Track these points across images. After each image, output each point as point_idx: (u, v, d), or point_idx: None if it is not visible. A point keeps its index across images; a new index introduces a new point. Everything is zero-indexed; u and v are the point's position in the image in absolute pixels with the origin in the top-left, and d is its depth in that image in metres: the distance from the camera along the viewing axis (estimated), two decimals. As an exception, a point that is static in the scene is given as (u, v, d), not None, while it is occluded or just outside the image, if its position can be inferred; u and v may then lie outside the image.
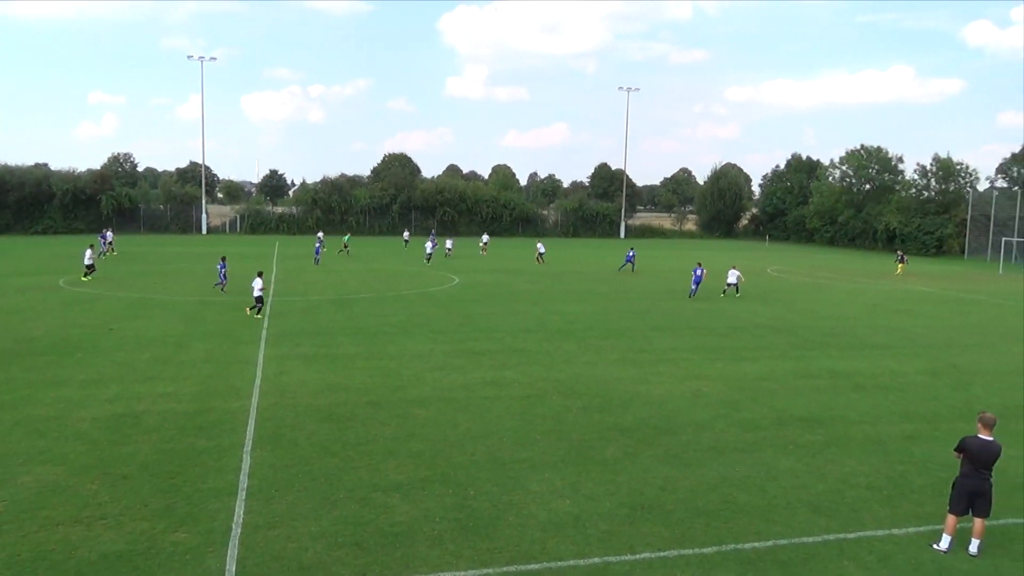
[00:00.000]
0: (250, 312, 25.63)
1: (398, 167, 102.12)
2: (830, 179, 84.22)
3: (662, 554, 9.10)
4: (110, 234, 51.57)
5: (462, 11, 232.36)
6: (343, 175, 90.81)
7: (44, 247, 55.57)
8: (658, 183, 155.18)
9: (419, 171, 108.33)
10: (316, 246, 47.40)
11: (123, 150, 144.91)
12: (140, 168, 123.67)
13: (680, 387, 17.18)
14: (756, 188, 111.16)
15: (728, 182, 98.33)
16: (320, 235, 57.35)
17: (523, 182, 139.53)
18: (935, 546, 9.44)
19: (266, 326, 23.68)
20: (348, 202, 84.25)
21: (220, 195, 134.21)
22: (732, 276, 34.64)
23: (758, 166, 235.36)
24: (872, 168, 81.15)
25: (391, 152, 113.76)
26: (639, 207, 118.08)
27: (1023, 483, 11.67)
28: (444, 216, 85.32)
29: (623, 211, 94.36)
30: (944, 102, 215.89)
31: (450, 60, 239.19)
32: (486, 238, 61.65)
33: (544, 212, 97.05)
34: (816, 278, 44.05)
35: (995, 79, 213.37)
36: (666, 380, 17.83)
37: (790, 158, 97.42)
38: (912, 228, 72.36)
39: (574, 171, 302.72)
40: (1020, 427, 14.52)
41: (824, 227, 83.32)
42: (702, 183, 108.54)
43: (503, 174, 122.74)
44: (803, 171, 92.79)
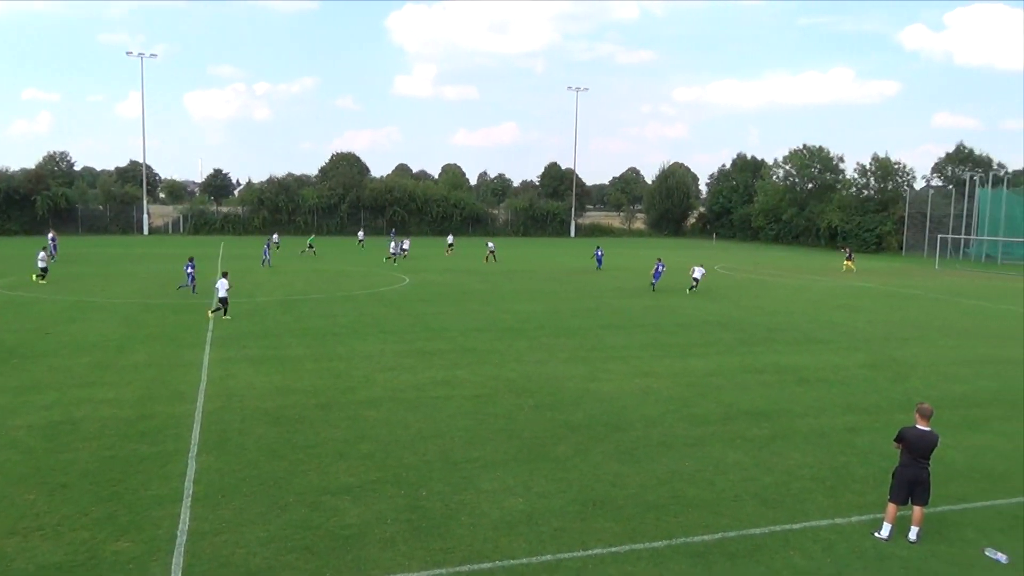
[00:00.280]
0: (212, 314, 24.96)
1: (346, 166, 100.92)
2: (774, 178, 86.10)
3: (613, 549, 9.19)
4: (51, 235, 50.02)
5: (410, 10, 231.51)
6: (290, 174, 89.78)
7: (-25, 249, 53.45)
8: (607, 182, 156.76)
9: (368, 170, 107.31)
10: (265, 247, 46.56)
11: (59, 149, 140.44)
12: (77, 167, 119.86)
13: (630, 384, 17.37)
14: (703, 187, 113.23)
15: (676, 181, 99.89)
16: (275, 237, 56.29)
17: (473, 181, 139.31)
18: (876, 534, 9.72)
19: (211, 328, 23.19)
20: (296, 202, 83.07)
21: (162, 195, 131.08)
22: (697, 272, 36.22)
23: (705, 165, 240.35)
24: (814, 167, 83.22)
25: (339, 151, 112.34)
26: (589, 206, 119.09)
27: (960, 471, 12.11)
28: (394, 216, 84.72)
29: (573, 210, 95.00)
30: (882, 103, 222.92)
31: (398, 59, 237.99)
32: (451, 239, 61.09)
33: (494, 211, 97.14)
34: (761, 275, 44.98)
35: (930, 81, 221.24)
36: (616, 377, 18.00)
37: (736, 158, 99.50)
38: (853, 226, 74.43)
39: (524, 170, 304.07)
40: (956, 417, 15.05)
41: (769, 225, 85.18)
42: (650, 182, 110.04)
43: (453, 173, 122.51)
44: (748, 170, 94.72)
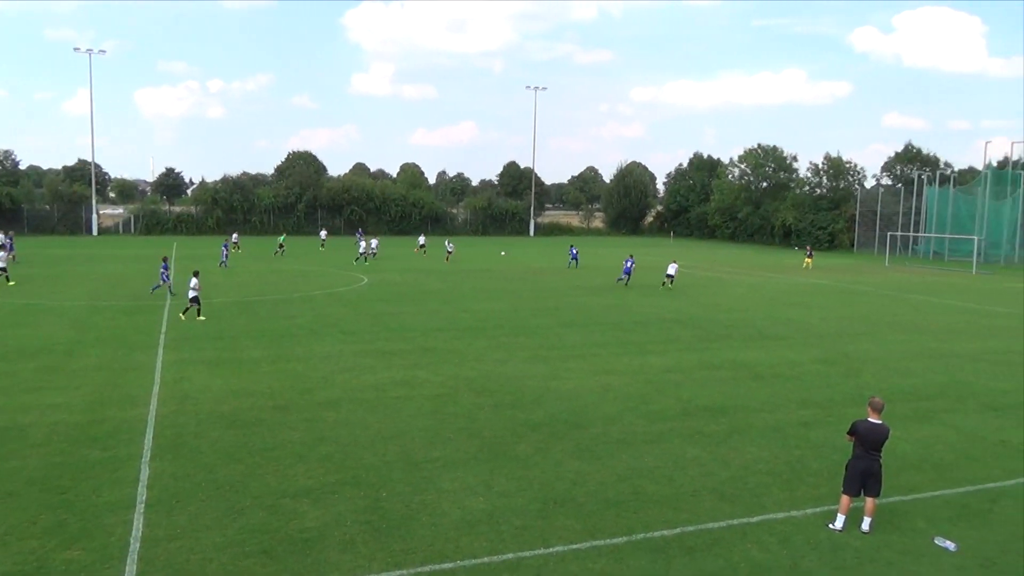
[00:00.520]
0: (184, 316, 24.60)
1: (303, 165, 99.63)
2: (730, 177, 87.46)
3: (574, 546, 9.24)
4: (10, 234, 48.56)
5: (367, 8, 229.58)
6: (245, 173, 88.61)
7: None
8: (566, 181, 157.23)
9: (325, 169, 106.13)
10: (223, 248, 45.77)
11: (3, 147, 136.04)
12: (22, 166, 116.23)
13: (590, 382, 17.48)
14: (660, 186, 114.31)
15: (634, 180, 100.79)
16: (234, 236, 55.26)
17: (432, 180, 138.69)
18: (831, 526, 9.93)
19: (164, 331, 22.74)
20: (251, 201, 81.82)
21: (112, 194, 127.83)
22: (672, 268, 37.45)
23: (662, 164, 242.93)
24: (769, 167, 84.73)
25: (295, 150, 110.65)
26: (548, 205, 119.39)
27: (910, 462, 12.43)
28: (352, 215, 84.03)
29: (532, 209, 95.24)
30: (834, 104, 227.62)
31: (355, 57, 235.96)
32: (423, 239, 59.88)
33: (453, 210, 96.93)
34: (718, 273, 45.60)
35: (880, 82, 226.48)
36: (576, 375, 18.10)
37: (692, 157, 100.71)
38: (806, 223, 75.96)
39: (483, 169, 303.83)
40: (906, 410, 15.44)
41: (725, 223, 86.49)
42: (608, 181, 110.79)
43: (411, 172, 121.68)
44: (704, 169, 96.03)
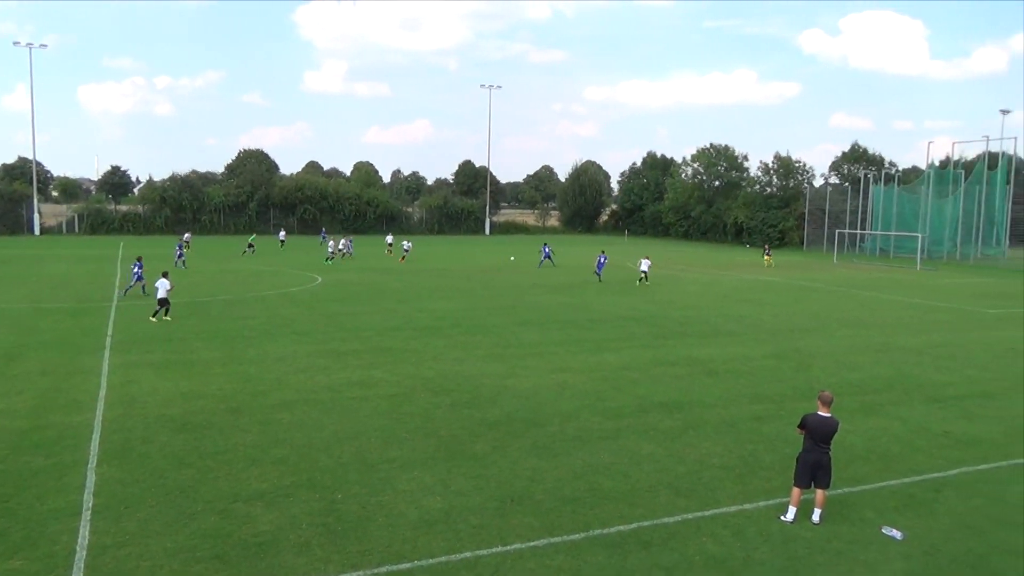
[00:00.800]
0: (156, 318, 24.21)
1: (254, 163, 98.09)
2: (683, 176, 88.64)
3: (532, 544, 9.26)
4: None
5: (318, 5, 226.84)
6: (194, 172, 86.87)
7: None
8: (521, 180, 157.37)
9: (277, 168, 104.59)
10: (178, 248, 44.80)
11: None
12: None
13: (546, 380, 17.54)
14: (615, 185, 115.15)
15: (588, 179, 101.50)
16: (186, 236, 54.06)
17: (386, 179, 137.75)
18: (782, 518, 10.13)
19: (110, 333, 22.17)
20: (201, 200, 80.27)
21: (55, 193, 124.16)
22: (644, 264, 38.95)
23: (616, 163, 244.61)
24: (721, 166, 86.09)
25: (246, 148, 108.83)
26: (503, 204, 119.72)
27: (858, 454, 12.75)
28: (305, 214, 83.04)
29: (488, 208, 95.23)
30: (783, 104, 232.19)
31: (307, 54, 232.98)
32: (391, 239, 58.89)
33: (408, 209, 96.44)
34: (673, 270, 46.14)
35: (827, 83, 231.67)
36: (533, 373, 18.15)
37: (646, 156, 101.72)
38: (757, 221, 77.40)
39: (438, 168, 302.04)
40: (854, 403, 15.83)
41: (679, 222, 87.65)
42: (564, 180, 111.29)
43: (366, 171, 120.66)
44: (658, 168, 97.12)
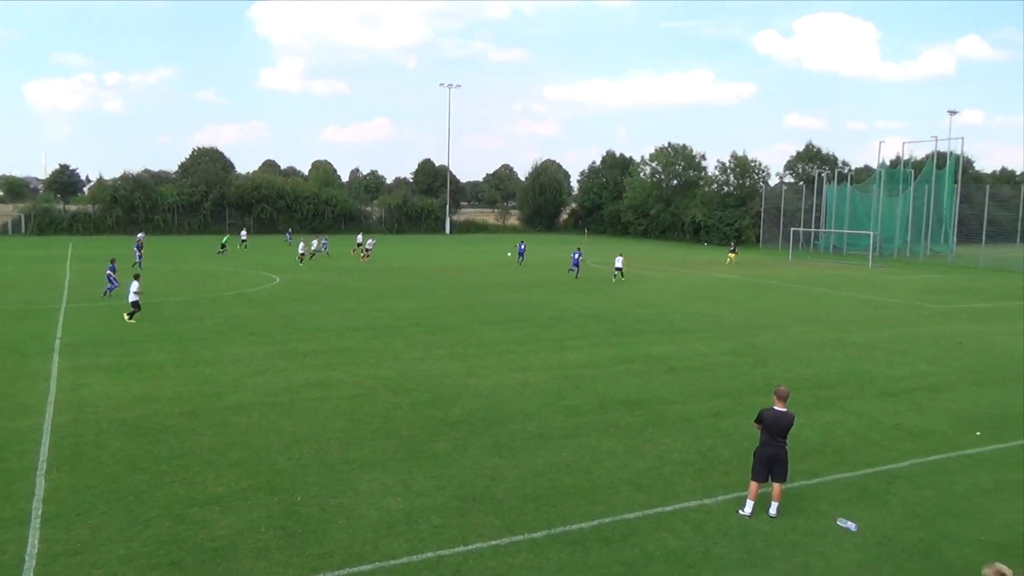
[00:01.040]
0: (128, 319, 23.83)
1: (209, 162, 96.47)
2: (641, 175, 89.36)
3: (494, 543, 9.27)
4: None
5: (275, 2, 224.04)
6: (147, 171, 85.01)
7: None
8: (481, 179, 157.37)
9: (233, 167, 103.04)
10: (136, 249, 43.80)
11: None
12: None
13: (507, 378, 17.56)
14: (575, 184, 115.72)
15: (548, 178, 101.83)
16: (140, 236, 52.85)
17: (345, 178, 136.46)
18: (741, 512, 10.29)
19: (60, 336, 21.61)
20: (153, 200, 78.59)
21: (0, 192, 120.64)
22: (619, 261, 40.49)
23: (576, 162, 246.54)
24: (679, 165, 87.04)
25: (201, 146, 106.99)
26: (463, 203, 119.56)
27: (814, 448, 13.01)
28: (262, 214, 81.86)
29: (448, 207, 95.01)
30: (740, 104, 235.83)
31: (264, 51, 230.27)
32: (361, 238, 56.81)
33: (368, 209, 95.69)
34: (632, 269, 46.50)
35: (782, 84, 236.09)
36: (493, 372, 18.16)
37: (605, 155, 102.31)
38: (714, 220, 78.45)
39: (397, 167, 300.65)
40: (809, 398, 16.14)
41: (637, 220, 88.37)
42: (524, 179, 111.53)
43: (324, 170, 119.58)
44: (617, 167, 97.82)
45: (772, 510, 10.24)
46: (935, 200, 64.26)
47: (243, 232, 62.13)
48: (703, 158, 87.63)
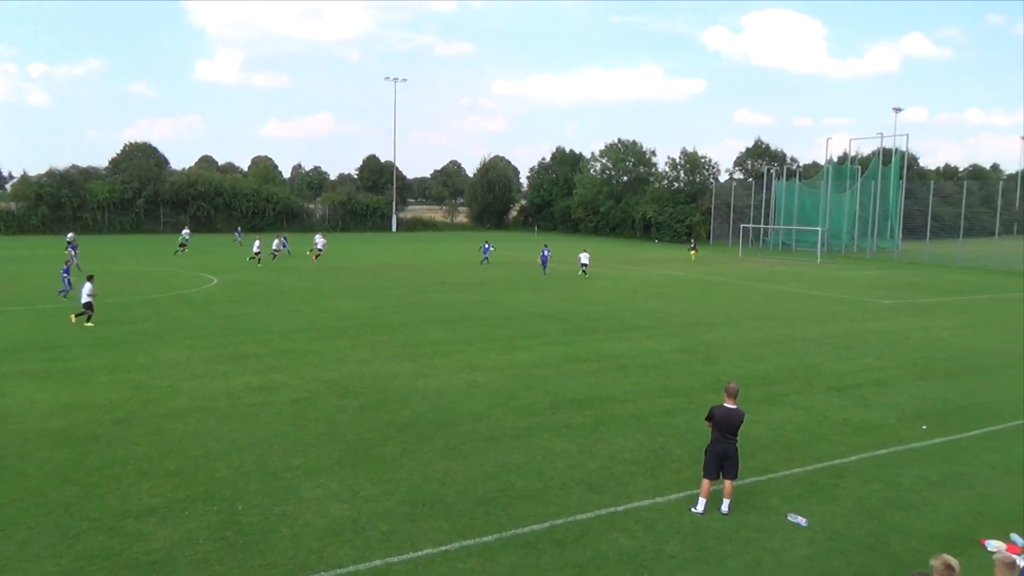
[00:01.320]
0: (76, 320, 23.35)
1: (142, 157, 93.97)
2: (591, 171, 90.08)
3: (444, 548, 9.25)
4: None
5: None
6: (75, 166, 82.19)
7: None
8: (429, 175, 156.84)
9: (167, 162, 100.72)
10: (72, 249, 42.36)
11: None
12: None
13: (456, 379, 17.53)
14: (524, 180, 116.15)
15: (497, 174, 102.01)
16: (70, 236, 51.11)
17: (286, 174, 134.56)
18: (693, 510, 10.46)
19: (-19, 341, 20.82)
20: (82, 197, 76.19)
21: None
22: (584, 258, 41.87)
23: (525, 158, 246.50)
24: (629, 161, 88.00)
25: (133, 141, 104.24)
26: (410, 200, 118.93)
27: (764, 444, 13.28)
28: (199, 211, 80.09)
29: (394, 204, 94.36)
30: (689, 100, 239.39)
31: (199, 42, 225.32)
32: (322, 241, 53.09)
33: (310, 206, 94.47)
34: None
35: (731, 80, 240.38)
36: (442, 373, 18.10)
37: (555, 151, 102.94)
38: (665, 216, 79.48)
39: (341, 163, 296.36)
40: (760, 394, 16.48)
41: (588, 217, 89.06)
42: (472, 175, 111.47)
43: (264, 166, 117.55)
44: (567, 163, 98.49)
45: (724, 507, 10.43)
46: (881, 196, 66.25)
47: (185, 231, 59.74)
48: (653, 154, 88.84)
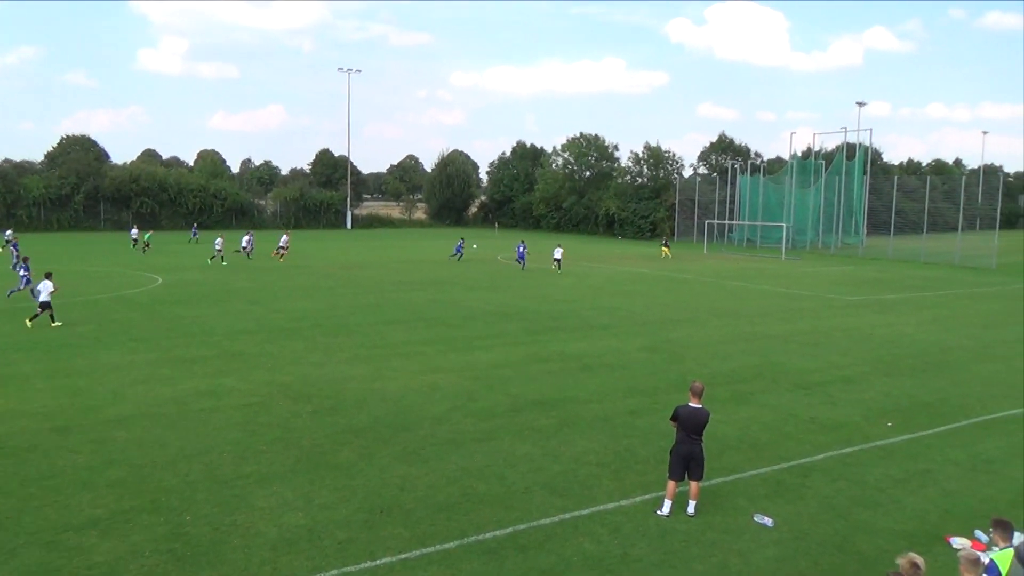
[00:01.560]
0: (31, 323, 22.94)
1: (80, 151, 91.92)
2: (553, 166, 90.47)
3: (403, 556, 9.21)
4: None
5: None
6: (7, 160, 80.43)
7: None
8: (385, 170, 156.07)
9: (107, 156, 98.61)
10: (12, 248, 41.17)
11: None
12: None
13: (415, 381, 17.46)
14: (484, 175, 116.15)
15: (456, 169, 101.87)
16: (8, 233, 49.72)
17: (235, 169, 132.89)
18: (658, 512, 10.55)
19: (-93, 346, 20.20)
20: (16, 193, 74.25)
21: None
22: (557, 252, 43.85)
23: (485, 153, 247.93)
24: (591, 155, 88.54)
25: (70, 134, 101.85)
26: (366, 196, 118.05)
27: (730, 444, 13.47)
28: (142, 208, 78.59)
29: (349, 200, 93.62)
30: (652, 93, 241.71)
31: (141, 29, 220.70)
32: (285, 239, 52.07)
33: (261, 202, 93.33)
34: (544, 264, 46.96)
35: (694, 73, 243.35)
36: (400, 375, 18.02)
37: (515, 145, 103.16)
38: (628, 212, 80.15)
39: (293, 157, 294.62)
40: (726, 393, 16.70)
41: (550, 213, 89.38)
42: (430, 170, 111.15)
43: (211, 160, 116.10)
44: (528, 158, 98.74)
45: (690, 509, 10.54)
46: (845, 192, 67.60)
47: (133, 230, 58.08)
48: (616, 149, 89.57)
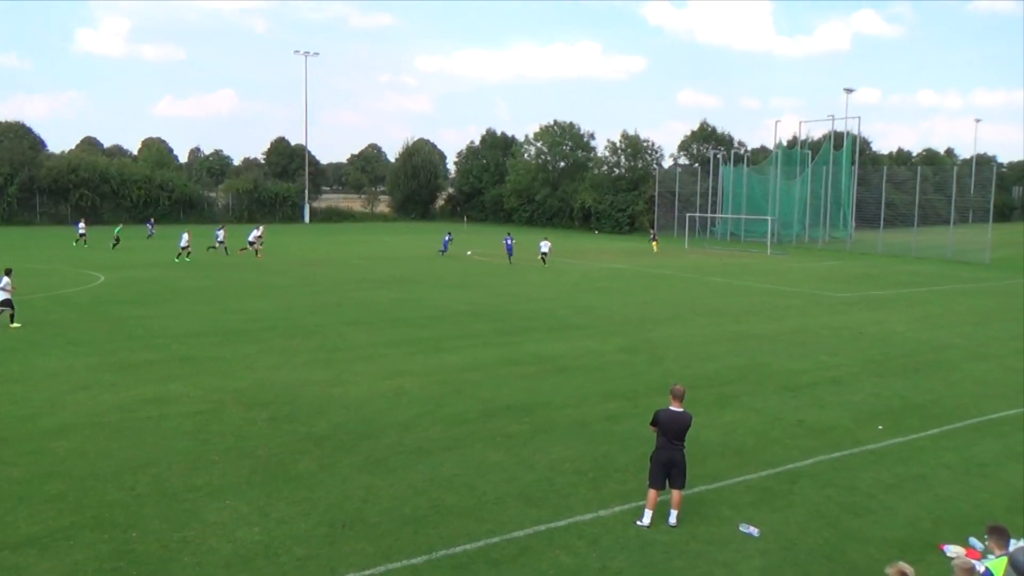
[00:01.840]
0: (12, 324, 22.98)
1: (13, 139, 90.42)
2: (525, 156, 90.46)
3: (367, 573, 9.17)
4: None
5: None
6: (-67, 149, 78.59)
7: None
8: (345, 160, 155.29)
9: (43, 145, 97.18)
10: None
11: None
12: None
13: (379, 386, 17.40)
14: (452, 166, 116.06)
15: (422, 159, 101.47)
16: None
17: (183, 158, 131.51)
18: (639, 522, 10.60)
19: None
20: (-58, 184, 72.97)
21: None
22: (544, 246, 45.25)
23: (452, 142, 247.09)
24: (566, 145, 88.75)
25: (2, 120, 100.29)
26: (325, 187, 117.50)
27: (714, 449, 13.57)
28: (82, 200, 77.37)
29: (307, 192, 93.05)
30: (629, 79, 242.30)
31: (79, 9, 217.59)
32: (258, 232, 49.56)
33: (212, 194, 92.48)
34: (519, 259, 47.00)
35: (674, 58, 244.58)
36: (363, 379, 17.95)
37: (485, 134, 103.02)
38: (606, 205, 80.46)
39: (246, 146, 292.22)
40: (709, 396, 16.84)
41: (522, 206, 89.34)
42: (394, 161, 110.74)
43: (157, 149, 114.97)
44: (498, 148, 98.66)
45: (672, 519, 10.61)
46: (833, 183, 68.37)
47: (80, 224, 56.58)
48: (592, 137, 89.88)
